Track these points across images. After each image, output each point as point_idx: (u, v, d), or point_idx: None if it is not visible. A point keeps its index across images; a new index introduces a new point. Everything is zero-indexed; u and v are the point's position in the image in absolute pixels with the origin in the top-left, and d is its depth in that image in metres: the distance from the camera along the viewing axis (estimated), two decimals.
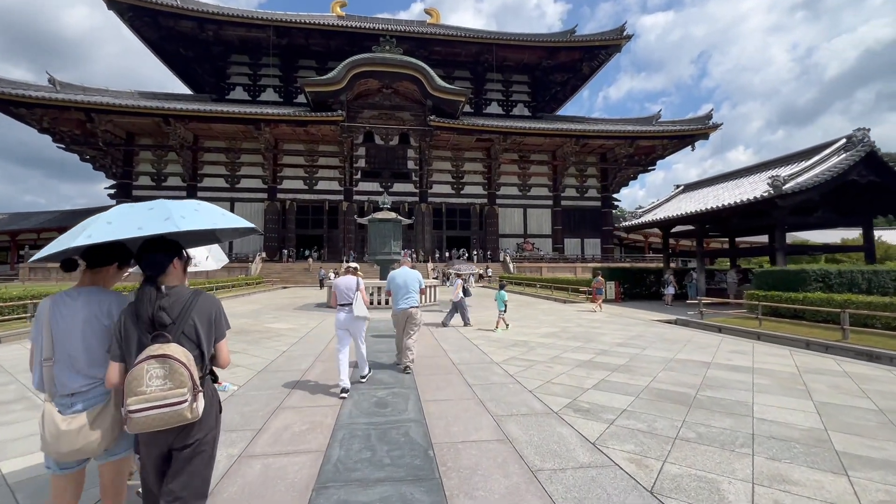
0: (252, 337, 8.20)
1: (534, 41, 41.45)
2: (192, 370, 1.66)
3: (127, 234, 1.69)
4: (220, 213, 2.06)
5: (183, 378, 1.62)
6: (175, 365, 1.62)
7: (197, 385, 1.67)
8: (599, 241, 43.31)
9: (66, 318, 1.85)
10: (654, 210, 17.61)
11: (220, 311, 1.91)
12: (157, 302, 1.73)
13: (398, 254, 15.32)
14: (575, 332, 9.01)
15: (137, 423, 1.60)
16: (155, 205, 1.90)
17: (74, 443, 1.78)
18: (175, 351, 1.65)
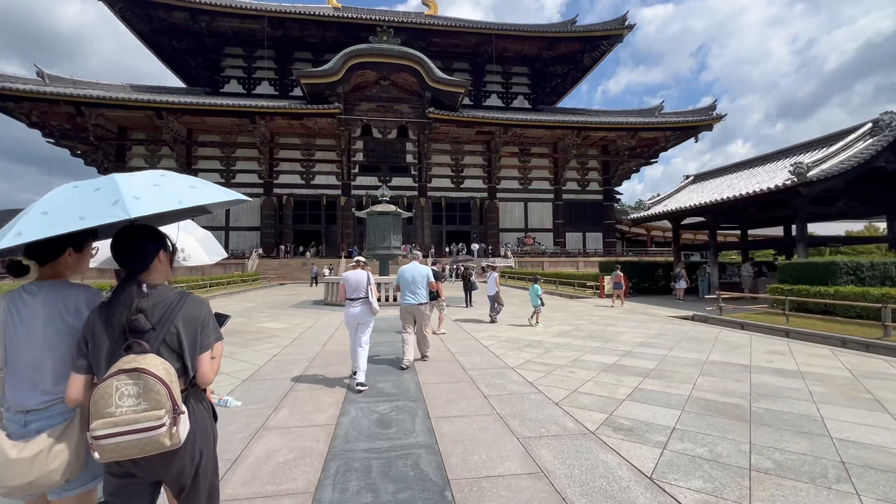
0: (242, 338, 7.55)
1: (534, 32, 40.59)
2: (173, 388, 1.37)
3: (66, 228, 1.36)
4: (189, 187, 1.63)
5: (160, 398, 1.33)
6: (151, 381, 1.34)
7: (178, 405, 1.38)
8: (601, 235, 42.68)
9: (25, 320, 1.54)
10: (663, 201, 16.96)
11: (210, 317, 1.60)
12: (136, 303, 1.43)
13: (398, 248, 14.67)
14: (590, 330, 8.38)
15: (107, 451, 1.32)
16: (103, 183, 1.52)
17: (27, 474, 1.44)
18: (152, 364, 1.36)
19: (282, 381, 4.79)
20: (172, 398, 1.36)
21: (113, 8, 34.75)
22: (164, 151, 35.79)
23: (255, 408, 3.87)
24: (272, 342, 7.20)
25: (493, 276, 10.18)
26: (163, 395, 1.34)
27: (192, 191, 1.61)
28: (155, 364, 1.37)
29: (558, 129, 37.56)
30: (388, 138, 39.04)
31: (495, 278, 10.10)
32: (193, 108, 32.00)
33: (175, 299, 1.51)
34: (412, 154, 39.28)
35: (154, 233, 1.57)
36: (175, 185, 1.60)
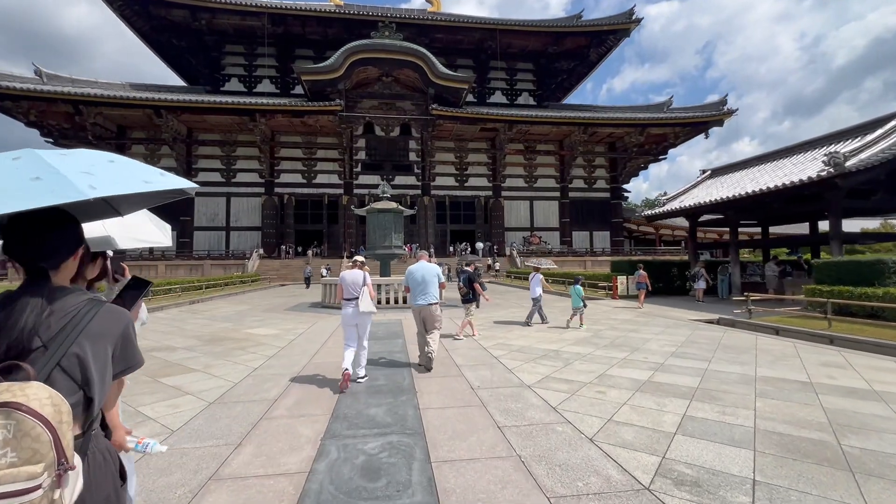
0: (224, 347, 6.80)
1: (539, 27, 39.74)
2: (60, 432, 0.93)
3: None
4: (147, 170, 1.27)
5: (38, 446, 0.90)
6: (27, 423, 0.90)
7: (66, 458, 0.93)
8: (609, 234, 41.77)
9: None
10: (678, 197, 16.08)
11: (130, 334, 1.18)
12: (25, 313, 1.03)
13: (399, 247, 13.89)
14: (610, 337, 7.56)
15: None
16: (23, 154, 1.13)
17: None
18: (34, 397, 0.92)
19: (255, 404, 4.02)
20: (58, 447, 0.92)
21: (112, 6, 34.30)
22: (164, 151, 35.27)
23: (213, 445, 3.09)
24: (256, 352, 6.44)
25: (537, 277, 9.62)
26: (43, 442, 0.90)
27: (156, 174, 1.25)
28: (38, 397, 0.93)
29: (565, 125, 36.69)
30: (390, 136, 38.34)
31: (539, 280, 9.56)
32: (192, 106, 31.44)
33: (83, 309, 1.11)
34: (415, 152, 38.56)
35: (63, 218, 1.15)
36: (132, 166, 1.26)
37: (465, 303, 8.12)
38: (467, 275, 8.29)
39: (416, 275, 5.45)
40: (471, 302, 8.04)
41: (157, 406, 3.96)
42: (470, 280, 8.19)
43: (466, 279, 8.21)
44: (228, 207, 36.76)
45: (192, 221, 35.81)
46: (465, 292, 8.13)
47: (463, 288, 8.20)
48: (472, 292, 8.12)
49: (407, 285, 5.58)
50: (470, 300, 8.06)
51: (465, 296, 8.13)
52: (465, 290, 8.13)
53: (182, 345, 7.07)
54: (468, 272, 8.39)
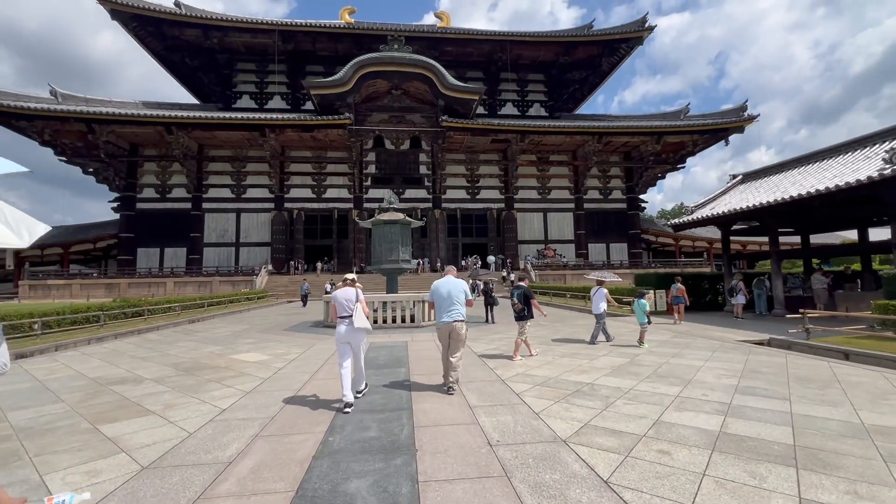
0: (199, 379, 5.86)
1: (550, 37, 39.27)
2: None
3: None
4: None
5: None
6: None
7: None
8: (626, 246, 40.35)
9: None
10: (708, 205, 14.86)
11: None
12: None
13: (407, 261, 12.93)
14: (651, 363, 6.41)
15: None
16: None
17: None
18: None
19: (201, 470, 3.02)
20: None
21: (127, 27, 34.85)
22: (175, 167, 35.31)
23: None
24: (234, 385, 5.47)
25: (601, 292, 8.88)
26: None
27: None
28: None
29: (578, 134, 35.74)
30: (400, 149, 37.87)
31: (604, 295, 8.82)
32: (202, 123, 31.42)
33: None
34: (426, 165, 37.96)
35: None
36: None
37: (519, 320, 7.41)
38: (522, 290, 7.47)
39: (441, 290, 5.20)
40: (525, 319, 7.34)
41: (71, 474, 2.99)
42: (526, 296, 7.40)
43: (522, 294, 7.39)
44: (238, 223, 36.46)
45: (202, 238, 35.58)
46: (521, 308, 7.36)
47: (518, 304, 7.39)
48: (528, 308, 7.38)
49: (432, 301, 5.34)
50: (524, 317, 7.33)
51: (520, 312, 7.38)
52: (521, 305, 7.36)
53: (153, 375, 6.15)
54: (524, 287, 7.54)
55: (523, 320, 7.36)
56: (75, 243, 36.25)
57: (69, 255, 36.78)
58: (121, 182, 34.69)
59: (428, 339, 9.41)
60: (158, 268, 34.39)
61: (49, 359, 7.92)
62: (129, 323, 12.94)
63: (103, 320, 11.75)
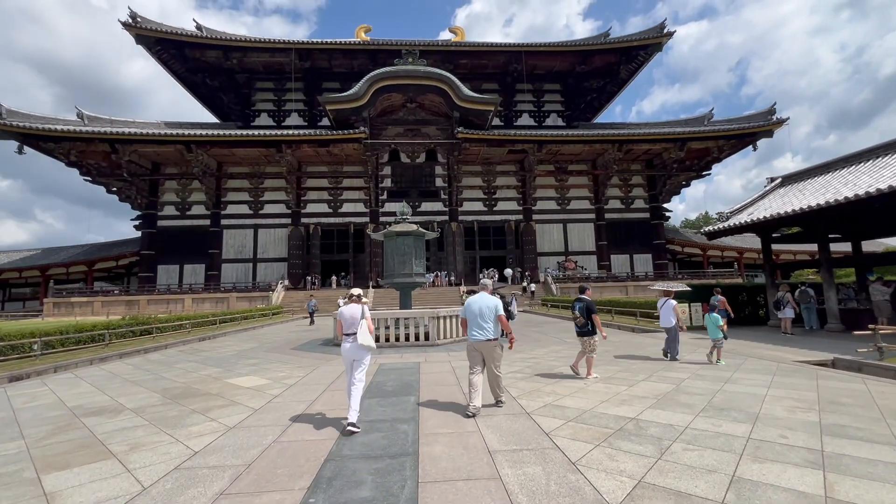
0: (183, 409, 5.22)
1: (566, 46, 38.80)
2: None
3: None
4: None
5: None
6: None
7: None
8: (651, 257, 38.81)
9: None
10: (746, 209, 13.74)
11: None
12: None
13: (421, 275, 12.22)
14: (702, 391, 5.47)
15: None
16: None
17: None
18: None
19: None
20: None
21: (150, 51, 35.88)
22: (195, 185, 35.79)
23: None
24: (219, 418, 4.79)
25: (670, 304, 8.19)
26: None
27: None
28: None
29: (597, 143, 34.81)
30: (416, 162, 37.62)
31: (673, 307, 8.10)
32: (219, 140, 31.79)
33: None
34: (441, 178, 37.56)
35: None
36: None
37: (581, 335, 6.77)
38: (585, 303, 6.78)
39: (473, 307, 5.06)
40: (590, 335, 6.66)
41: None
42: (588, 309, 6.72)
43: (584, 308, 6.74)
44: (256, 239, 36.57)
45: (220, 254, 35.77)
46: (583, 323, 6.71)
47: (580, 318, 6.73)
48: (591, 323, 6.69)
49: (464, 318, 5.21)
50: (588, 332, 6.67)
51: (583, 327, 6.73)
52: (583, 320, 6.70)
53: (136, 404, 5.54)
54: (586, 300, 6.83)
55: (587, 336, 6.67)
56: (99, 261, 36.93)
57: (93, 273, 37.48)
58: (142, 200, 35.31)
59: (443, 359, 8.62)
60: (178, 284, 34.62)
61: (39, 383, 7.44)
62: (137, 341, 12.55)
63: (108, 339, 11.36)
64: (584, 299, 6.88)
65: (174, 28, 35.37)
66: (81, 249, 37.91)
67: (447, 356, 8.96)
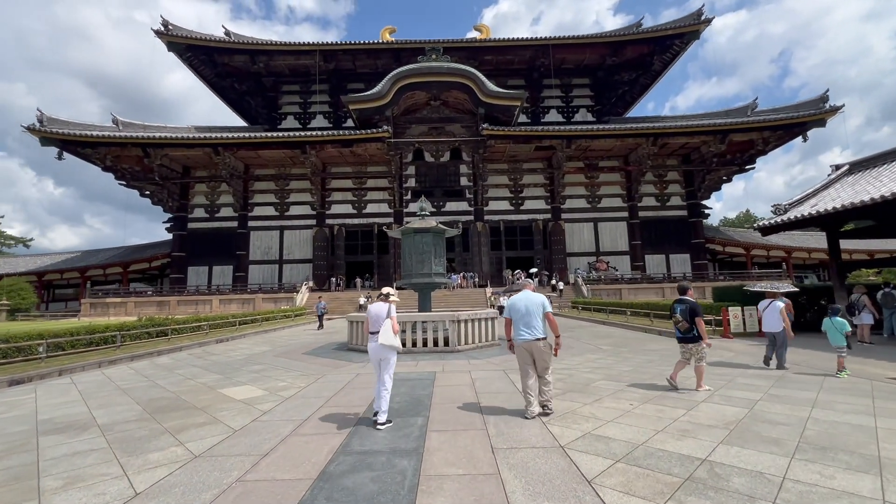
0: (156, 427, 4.53)
1: (596, 38, 37.14)
2: None
3: None
4: None
5: None
6: None
7: None
8: (689, 257, 36.59)
9: None
10: (807, 202, 12.16)
11: None
12: None
13: (441, 275, 11.35)
14: (786, 418, 4.34)
15: None
16: None
17: None
18: None
19: None
20: None
21: (182, 57, 36.68)
22: (223, 188, 36.31)
23: None
24: (188, 442, 4.05)
25: (777, 305, 7.20)
26: None
27: None
28: None
29: (631, 136, 33.04)
30: (440, 161, 36.89)
31: (780, 310, 7.17)
32: (244, 142, 32.08)
33: None
34: (466, 177, 36.67)
35: None
36: None
37: (684, 342, 5.87)
38: (688, 305, 5.85)
39: (518, 305, 4.86)
40: (695, 341, 5.76)
41: None
42: (692, 311, 5.78)
43: (687, 310, 5.81)
44: (282, 240, 36.75)
45: (247, 255, 36.12)
46: (688, 328, 5.78)
47: (683, 322, 5.79)
48: (695, 328, 5.75)
49: (508, 317, 4.96)
50: (694, 338, 5.76)
51: (686, 332, 5.81)
52: (688, 324, 5.77)
53: (110, 419, 4.91)
54: (690, 301, 5.87)
55: (691, 343, 5.76)
56: (133, 262, 38.05)
57: (128, 274, 38.67)
58: (173, 203, 36.09)
59: (462, 368, 7.70)
60: (206, 285, 35.15)
61: (30, 389, 7.02)
62: (151, 343, 12.25)
63: (120, 342, 11.05)
64: (686, 300, 5.86)
65: (203, 34, 36.06)
66: (117, 251, 39.19)
67: (467, 365, 8.03)
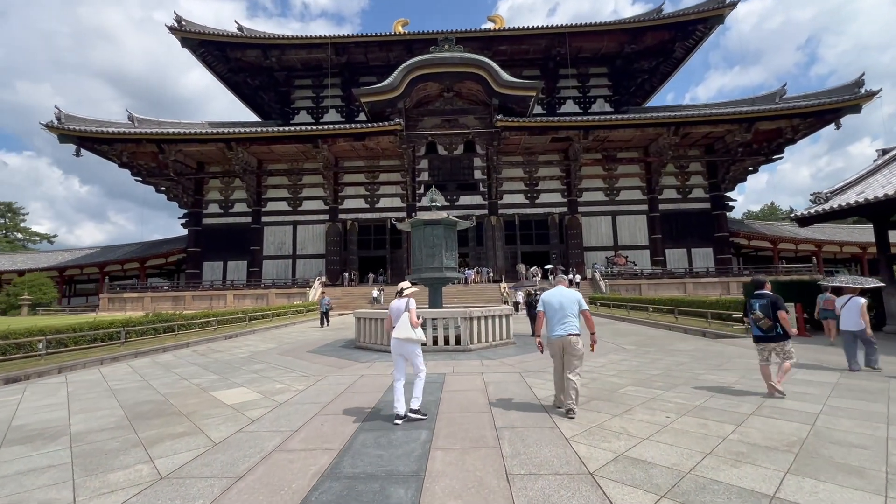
0: (128, 439, 4.08)
1: (615, 25, 35.80)
2: None
3: None
4: None
5: None
6: None
7: None
8: (712, 251, 35.30)
9: None
10: (851, 189, 11.18)
11: None
12: None
13: (453, 269, 10.76)
14: (858, 437, 3.64)
15: None
16: None
17: None
18: None
19: None
20: None
21: (195, 53, 36.72)
22: (237, 183, 36.34)
23: None
24: (159, 458, 3.57)
25: (858, 302, 6.53)
26: None
27: None
28: None
29: (651, 126, 31.81)
30: (454, 154, 36.23)
31: (861, 307, 6.44)
32: (256, 137, 31.93)
33: None
34: (480, 170, 35.94)
35: None
36: None
37: (766, 341, 5.19)
38: (768, 299, 5.18)
39: (553, 301, 4.84)
40: (780, 340, 5.10)
41: None
42: (774, 306, 5.11)
43: (769, 305, 5.14)
44: (295, 235, 36.68)
45: (261, 251, 36.15)
46: (770, 325, 5.10)
47: (765, 319, 5.12)
48: (779, 324, 5.09)
49: (542, 311, 4.92)
50: (777, 337, 5.10)
51: (768, 331, 5.12)
52: (770, 321, 5.09)
53: (85, 426, 4.49)
54: (770, 295, 5.18)
55: (776, 342, 5.09)
56: (150, 258, 38.49)
57: (145, 269, 39.15)
58: (188, 199, 36.28)
59: (475, 370, 7.13)
60: (221, 281, 35.32)
61: (19, 389, 6.72)
62: (158, 339, 12.01)
63: (124, 338, 10.80)
64: (766, 294, 5.19)
65: (216, 29, 36.02)
66: (135, 247, 39.70)
67: (480, 366, 7.45)
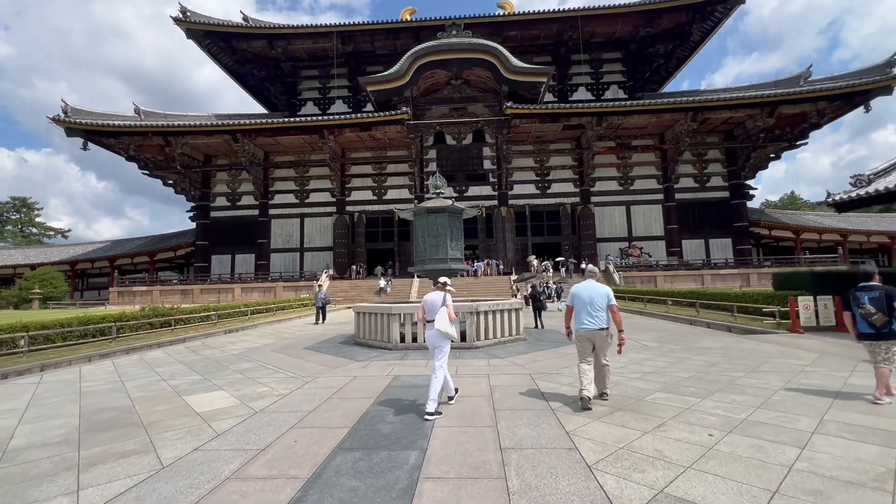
0: (62, 461, 3.50)
1: (630, 8, 34.30)
2: None
3: None
4: None
5: None
6: None
7: None
8: (731, 242, 34.01)
9: None
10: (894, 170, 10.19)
11: None
12: None
13: (458, 260, 10.05)
14: None
15: None
16: None
17: None
18: None
19: None
20: None
21: (201, 44, 36.31)
22: (244, 176, 36.00)
23: None
24: (88, 487, 2.98)
25: None
26: None
27: None
28: None
29: (667, 111, 30.53)
30: (462, 144, 35.35)
31: None
32: (262, 128, 31.43)
33: None
34: (490, 160, 35.03)
35: None
36: None
37: (877, 339, 4.54)
38: (884, 292, 4.54)
39: (583, 295, 4.84)
40: (890, 338, 4.49)
41: None
42: (890, 298, 4.47)
43: (883, 298, 4.51)
44: (302, 228, 36.30)
45: (268, 244, 35.85)
46: (885, 321, 4.46)
47: (880, 314, 4.47)
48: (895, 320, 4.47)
49: (570, 305, 4.97)
50: (888, 334, 4.49)
51: (882, 327, 4.48)
52: (885, 317, 4.46)
53: (30, 439, 3.93)
54: (883, 287, 4.55)
55: (888, 340, 4.47)
56: (159, 251, 38.50)
57: (155, 263, 39.20)
58: (195, 192, 36.08)
59: (480, 370, 6.45)
60: (229, 274, 35.16)
61: None
62: (154, 335, 11.57)
63: (115, 334, 10.35)
64: (876, 286, 4.53)
65: (220, 20, 35.51)
66: (144, 241, 39.75)
67: (486, 366, 6.77)
